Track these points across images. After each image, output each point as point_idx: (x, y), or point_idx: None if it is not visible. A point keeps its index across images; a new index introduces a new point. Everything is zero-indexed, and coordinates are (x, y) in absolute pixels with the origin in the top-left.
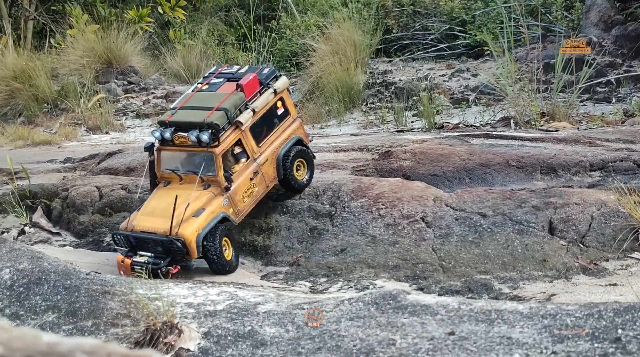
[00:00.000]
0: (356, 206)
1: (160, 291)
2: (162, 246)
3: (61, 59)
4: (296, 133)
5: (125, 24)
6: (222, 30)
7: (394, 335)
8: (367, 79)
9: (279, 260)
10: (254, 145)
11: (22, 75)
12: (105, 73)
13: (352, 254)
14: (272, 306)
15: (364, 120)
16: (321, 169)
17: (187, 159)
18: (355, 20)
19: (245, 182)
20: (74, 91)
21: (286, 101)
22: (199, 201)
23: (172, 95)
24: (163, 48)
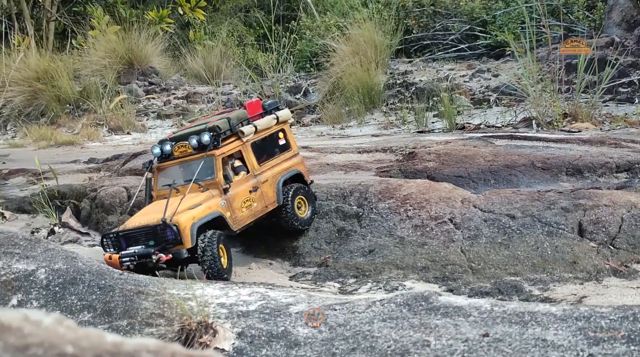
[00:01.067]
0: (384, 208)
1: (193, 291)
2: (154, 236)
3: (83, 59)
4: (297, 167)
5: (146, 24)
6: (241, 30)
7: (428, 336)
8: (387, 79)
9: (307, 261)
10: (254, 161)
11: (44, 76)
12: (127, 74)
13: (380, 255)
14: (303, 306)
15: (384, 120)
16: (345, 170)
17: (185, 169)
18: (376, 21)
19: (244, 192)
20: (95, 92)
21: (288, 134)
22: (196, 199)
23: (193, 96)
24: (183, 49)
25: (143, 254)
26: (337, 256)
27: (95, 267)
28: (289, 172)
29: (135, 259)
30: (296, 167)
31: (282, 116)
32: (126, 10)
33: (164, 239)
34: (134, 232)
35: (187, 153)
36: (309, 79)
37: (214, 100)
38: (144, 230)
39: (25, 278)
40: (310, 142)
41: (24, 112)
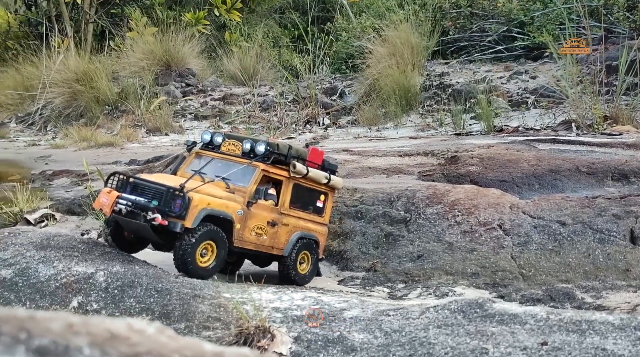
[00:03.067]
0: (432, 213)
1: (247, 295)
2: (160, 198)
3: (121, 61)
4: (318, 235)
5: (183, 26)
6: (276, 32)
7: (486, 344)
8: (423, 81)
9: (355, 265)
10: (287, 200)
11: (83, 78)
12: (164, 75)
13: (429, 261)
14: (357, 312)
15: (421, 122)
16: (387, 173)
17: (222, 166)
18: (412, 22)
19: (262, 219)
20: (134, 93)
21: (328, 202)
22: (219, 192)
23: (230, 97)
24: (220, 50)
25: (142, 205)
26: (386, 261)
27: (152, 271)
28: (309, 233)
29: (132, 206)
30: (318, 235)
31: (334, 181)
32: (163, 11)
33: (169, 206)
34: (144, 184)
35: (233, 152)
36: (344, 81)
37: (250, 101)
38: (155, 187)
39: (85, 281)
40: (349, 144)
41: (63, 113)
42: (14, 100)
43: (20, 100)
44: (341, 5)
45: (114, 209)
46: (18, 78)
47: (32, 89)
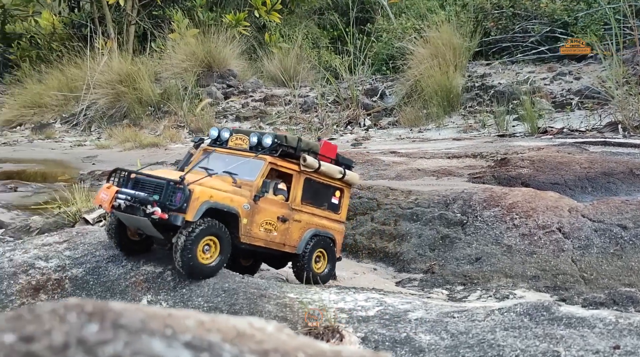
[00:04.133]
0: (489, 216)
1: (311, 295)
2: (162, 192)
3: (163, 62)
4: (334, 232)
5: (224, 28)
6: (315, 33)
7: (557, 347)
8: (465, 82)
9: (412, 267)
10: (299, 195)
11: (126, 79)
12: (206, 76)
13: (487, 263)
14: (421, 313)
15: (463, 124)
16: (437, 175)
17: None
18: (454, 23)
19: (272, 214)
20: (176, 94)
21: (344, 198)
22: (223, 185)
23: (270, 98)
24: (260, 51)
25: (141, 199)
26: (443, 263)
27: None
28: (323, 230)
29: (131, 201)
30: (334, 233)
31: (349, 176)
32: (204, 13)
33: (170, 199)
34: (145, 180)
35: (241, 147)
36: (385, 82)
37: (291, 102)
38: (155, 181)
39: (154, 279)
40: (392, 145)
41: (107, 114)
42: (58, 102)
43: (64, 101)
44: (381, 6)
45: (114, 204)
46: (62, 79)
47: (76, 90)
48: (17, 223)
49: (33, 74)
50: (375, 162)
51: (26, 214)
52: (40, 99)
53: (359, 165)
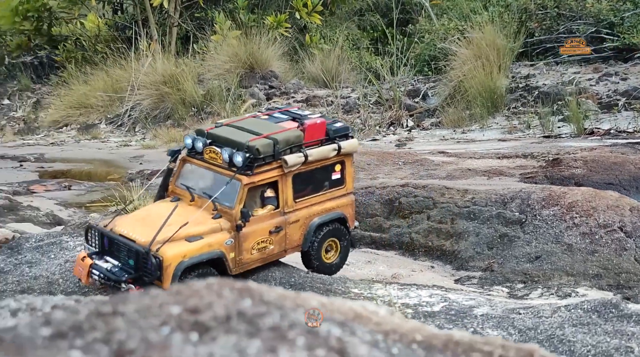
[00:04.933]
0: (548, 214)
1: (375, 290)
2: (135, 259)
3: (206, 64)
4: (342, 209)
5: (266, 29)
6: (356, 34)
7: (629, 343)
8: (509, 83)
9: (470, 265)
10: (290, 196)
11: (170, 80)
12: (248, 77)
13: (548, 262)
14: (486, 309)
15: (507, 125)
16: (488, 175)
17: (209, 179)
18: (497, 24)
19: (263, 232)
20: (219, 95)
21: (346, 169)
22: (200, 227)
23: (312, 99)
24: (301, 53)
25: (113, 279)
26: (502, 261)
27: (283, 267)
28: (329, 214)
29: (105, 279)
30: (341, 210)
31: (345, 147)
32: (245, 15)
33: (145, 265)
34: (118, 240)
35: (216, 162)
36: (427, 83)
37: (333, 103)
38: (127, 245)
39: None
40: (437, 146)
41: (151, 115)
42: (103, 102)
43: (109, 102)
44: (422, 7)
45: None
46: (107, 80)
47: (120, 91)
48: (75, 220)
49: (78, 75)
50: (424, 162)
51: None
52: (85, 100)
53: (409, 165)
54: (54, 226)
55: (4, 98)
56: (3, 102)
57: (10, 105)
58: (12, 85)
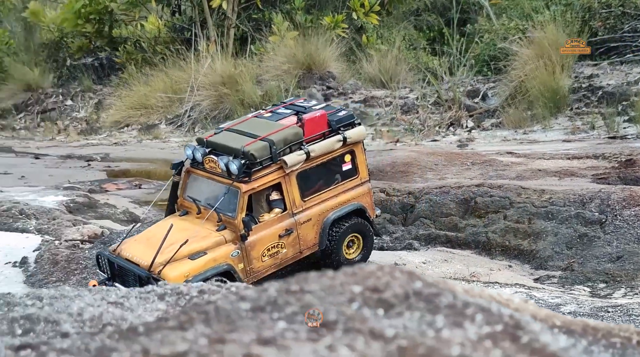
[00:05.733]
0: (630, 215)
1: None
2: (139, 282)
3: (263, 64)
4: (359, 199)
5: (323, 30)
6: (412, 34)
7: None
8: (572, 83)
9: (549, 264)
10: (297, 196)
11: (229, 81)
12: (306, 78)
13: (630, 262)
14: (574, 307)
15: (569, 125)
16: (559, 176)
17: (212, 189)
18: (559, 23)
19: (272, 237)
20: (277, 95)
21: (357, 157)
22: (203, 242)
23: (370, 100)
24: (359, 53)
25: None
26: (582, 261)
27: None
28: (345, 207)
29: None
30: (359, 200)
31: (351, 137)
32: (302, 15)
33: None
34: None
35: (215, 170)
36: (487, 83)
37: (391, 104)
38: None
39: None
40: (499, 146)
41: (210, 115)
42: (163, 103)
43: (169, 103)
44: (480, 6)
45: None
46: (167, 81)
47: (180, 92)
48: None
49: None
50: (493, 163)
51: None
52: (146, 101)
53: (477, 165)
54: (131, 223)
55: (67, 99)
56: (66, 103)
57: (73, 106)
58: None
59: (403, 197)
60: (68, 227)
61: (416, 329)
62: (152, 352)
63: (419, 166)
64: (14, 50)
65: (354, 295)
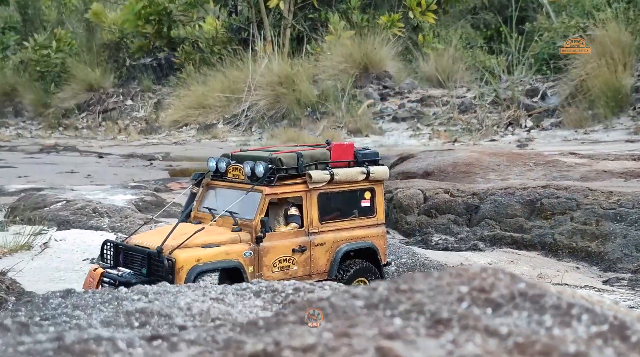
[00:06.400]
0: None
1: None
2: (147, 263)
3: (319, 64)
4: (373, 240)
5: (380, 29)
6: (469, 33)
7: None
8: (634, 81)
9: (618, 267)
10: (315, 216)
11: (286, 81)
12: (361, 78)
13: None
14: None
15: (632, 125)
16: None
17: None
18: (621, 21)
19: (285, 249)
20: (333, 95)
21: (377, 197)
22: (218, 237)
23: (427, 99)
24: (415, 52)
25: (123, 281)
26: None
27: (436, 263)
28: (358, 242)
29: (115, 284)
30: (372, 240)
31: (375, 173)
32: (358, 15)
33: (158, 271)
34: (132, 252)
35: (239, 178)
36: (546, 82)
37: (448, 103)
38: (140, 253)
39: None
40: (560, 147)
41: (267, 115)
42: (221, 103)
43: (227, 103)
44: (539, 4)
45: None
46: (225, 81)
47: (237, 92)
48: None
49: (197, 76)
50: (556, 163)
51: None
52: (204, 100)
53: (540, 166)
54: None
55: (127, 99)
56: (126, 103)
57: (133, 105)
58: (134, 86)
59: (467, 198)
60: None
61: (527, 328)
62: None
63: (481, 167)
64: (76, 51)
65: (462, 295)
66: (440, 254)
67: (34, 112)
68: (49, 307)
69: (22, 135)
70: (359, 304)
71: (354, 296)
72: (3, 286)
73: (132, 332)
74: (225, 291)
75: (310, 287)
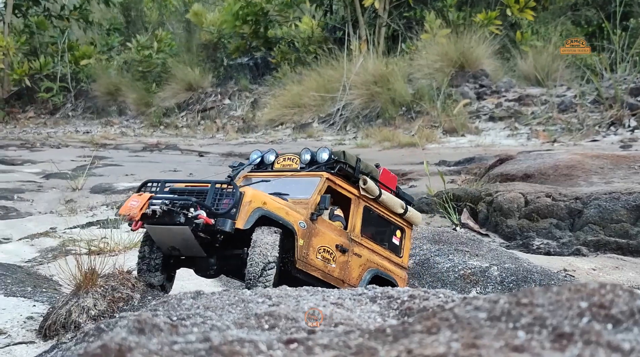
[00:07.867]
0: None
1: None
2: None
3: (414, 63)
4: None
5: (477, 27)
6: (569, 29)
7: None
8: None
9: None
10: (358, 225)
11: (380, 80)
12: (457, 76)
13: None
14: None
15: None
16: None
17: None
18: None
19: (330, 240)
20: (428, 94)
21: (406, 241)
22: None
23: (525, 98)
24: (513, 50)
25: (181, 203)
26: None
27: (539, 268)
28: (386, 273)
29: (169, 205)
30: (397, 279)
31: (412, 213)
32: (454, 13)
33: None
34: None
35: (290, 167)
36: None
37: (547, 102)
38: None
39: (481, 274)
40: None
41: (362, 114)
42: (316, 102)
43: (321, 102)
44: None
45: (146, 212)
46: (320, 80)
47: (332, 91)
48: None
49: (292, 75)
50: None
51: None
52: (299, 100)
53: None
54: None
55: (225, 98)
56: (224, 102)
57: (230, 104)
58: (231, 85)
59: (570, 202)
60: None
61: None
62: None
63: (584, 170)
64: (175, 52)
65: (582, 310)
66: (542, 259)
67: (136, 111)
68: (182, 307)
69: (126, 134)
70: (482, 315)
71: (477, 308)
72: (129, 283)
73: (264, 335)
74: (343, 296)
75: (424, 295)
